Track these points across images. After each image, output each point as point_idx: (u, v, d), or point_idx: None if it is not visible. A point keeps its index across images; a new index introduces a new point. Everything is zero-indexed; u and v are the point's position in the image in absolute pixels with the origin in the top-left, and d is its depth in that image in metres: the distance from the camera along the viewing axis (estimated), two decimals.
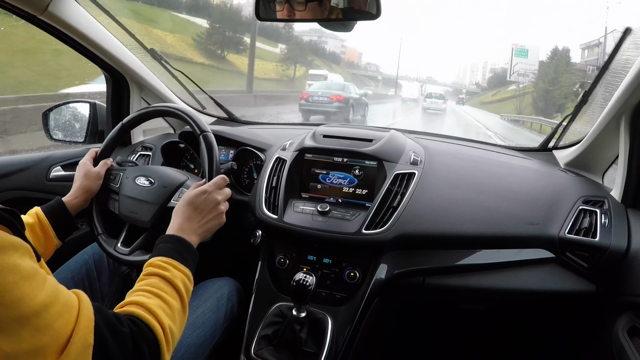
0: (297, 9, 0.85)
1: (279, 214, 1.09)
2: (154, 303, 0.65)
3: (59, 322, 0.49)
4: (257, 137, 1.37)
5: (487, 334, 1.39)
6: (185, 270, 0.75)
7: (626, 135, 1.03)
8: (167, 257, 0.75)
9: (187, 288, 0.74)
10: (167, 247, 0.79)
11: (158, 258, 0.75)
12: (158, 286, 0.69)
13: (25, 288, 0.47)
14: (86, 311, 0.54)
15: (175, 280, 0.72)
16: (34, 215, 0.92)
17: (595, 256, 0.96)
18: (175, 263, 0.75)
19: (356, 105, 11.87)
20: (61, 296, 0.52)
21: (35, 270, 0.50)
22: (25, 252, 0.50)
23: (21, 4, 1.05)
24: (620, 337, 0.88)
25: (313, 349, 0.94)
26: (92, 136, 1.44)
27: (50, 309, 0.49)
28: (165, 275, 0.71)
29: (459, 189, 1.11)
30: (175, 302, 0.69)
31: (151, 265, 0.74)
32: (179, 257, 0.77)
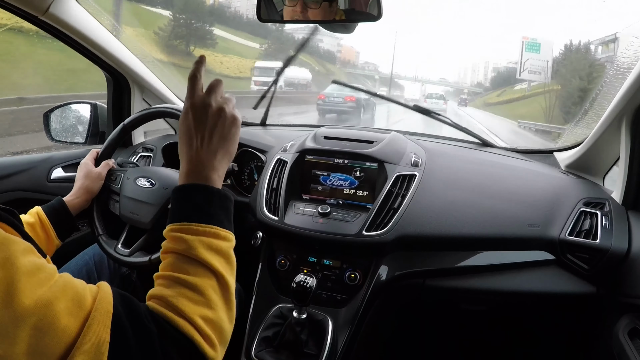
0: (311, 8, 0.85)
1: (280, 215, 1.09)
2: (174, 293, 0.53)
3: (64, 321, 0.43)
4: (257, 139, 1.37)
5: (488, 335, 1.39)
6: (208, 228, 0.57)
7: (627, 138, 1.03)
8: (177, 223, 0.58)
9: (219, 250, 0.57)
10: (176, 205, 0.60)
11: (168, 227, 0.59)
12: (176, 267, 0.55)
13: (22, 284, 0.41)
14: (103, 303, 0.47)
15: (195, 252, 0.55)
16: (34, 215, 0.92)
17: (595, 258, 0.96)
18: (190, 226, 0.57)
19: (366, 106, 12.98)
20: (70, 291, 0.46)
21: (37, 267, 0.44)
22: (28, 249, 0.45)
23: (22, 5, 1.05)
24: (621, 339, 0.88)
25: (313, 350, 0.94)
26: (93, 137, 1.44)
27: (53, 305, 0.43)
28: (179, 250, 0.56)
29: (460, 190, 1.11)
30: (203, 280, 0.54)
31: (166, 238, 0.59)
32: (195, 214, 0.58)
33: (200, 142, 0.63)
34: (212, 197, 0.60)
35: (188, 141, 0.63)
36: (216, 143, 0.64)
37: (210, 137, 0.63)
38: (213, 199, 0.61)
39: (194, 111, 0.64)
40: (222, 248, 0.58)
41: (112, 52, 1.32)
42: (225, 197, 0.62)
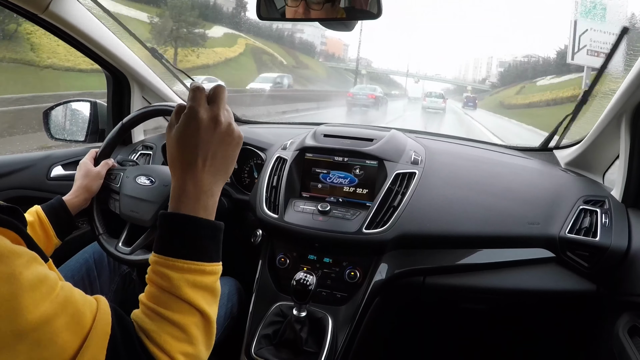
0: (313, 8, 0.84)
1: (280, 213, 1.09)
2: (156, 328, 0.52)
3: (63, 336, 0.44)
4: (257, 137, 1.37)
5: (487, 334, 1.39)
6: (193, 266, 0.55)
7: (627, 135, 1.03)
8: (163, 255, 0.55)
9: (204, 286, 0.56)
10: (163, 235, 0.57)
11: (154, 257, 0.56)
12: (159, 301, 0.54)
13: (25, 299, 0.42)
14: (101, 324, 0.48)
15: (179, 291, 0.54)
16: (34, 214, 0.92)
17: (595, 256, 0.96)
18: (175, 262, 0.55)
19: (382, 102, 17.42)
20: (70, 307, 0.46)
21: (40, 280, 0.45)
22: (31, 259, 0.45)
23: (22, 3, 1.05)
24: (621, 337, 0.88)
25: (313, 348, 0.94)
26: (92, 135, 1.44)
27: (54, 321, 0.44)
28: (164, 287, 0.54)
29: (460, 188, 1.11)
30: (186, 317, 0.54)
31: (150, 268, 0.57)
32: (182, 249, 0.55)
33: (203, 164, 0.57)
34: (203, 230, 0.57)
35: (189, 160, 0.57)
36: (219, 165, 0.59)
37: (213, 158, 0.58)
38: (204, 231, 0.57)
39: (201, 127, 0.57)
40: (207, 284, 0.56)
41: (111, 50, 1.32)
42: (216, 228, 0.59)
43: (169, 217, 0.57)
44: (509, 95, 31.40)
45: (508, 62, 51.10)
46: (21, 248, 0.45)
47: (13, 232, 0.48)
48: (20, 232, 0.49)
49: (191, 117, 0.57)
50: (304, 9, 0.85)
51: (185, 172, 0.58)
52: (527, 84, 30.01)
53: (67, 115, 1.44)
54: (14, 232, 0.48)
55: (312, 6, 0.84)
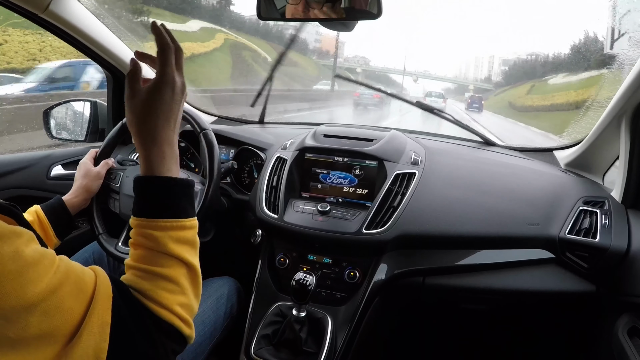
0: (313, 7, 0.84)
1: (280, 213, 1.09)
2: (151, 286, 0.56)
3: (69, 303, 0.47)
4: (257, 137, 1.37)
5: (487, 334, 1.39)
6: (172, 223, 0.59)
7: (627, 136, 1.03)
8: (142, 218, 0.59)
9: (185, 240, 0.60)
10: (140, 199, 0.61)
11: (135, 220, 0.60)
12: (149, 260, 0.58)
13: (30, 274, 0.45)
14: (103, 288, 0.51)
15: (164, 247, 0.58)
16: (33, 214, 0.92)
17: (595, 256, 0.96)
18: (155, 222, 0.58)
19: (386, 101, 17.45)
20: (72, 275, 0.49)
21: (41, 254, 0.47)
22: (30, 238, 0.48)
23: (22, 3, 1.05)
24: (620, 338, 0.88)
25: (313, 348, 0.94)
26: (92, 135, 1.44)
27: (59, 290, 0.47)
28: (149, 246, 0.58)
29: (459, 189, 1.11)
30: (175, 270, 0.58)
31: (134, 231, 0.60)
32: (161, 209, 0.59)
33: (174, 126, 0.62)
34: (179, 189, 0.61)
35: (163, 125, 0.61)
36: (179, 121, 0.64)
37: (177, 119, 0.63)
38: (180, 190, 0.61)
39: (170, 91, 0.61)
40: (188, 238, 0.60)
41: (111, 50, 1.32)
42: (188, 186, 0.63)
43: (146, 181, 0.60)
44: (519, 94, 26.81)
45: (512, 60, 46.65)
46: (20, 228, 0.48)
47: (11, 219, 0.50)
48: (18, 219, 0.51)
49: (168, 84, 0.61)
50: (303, 9, 0.85)
51: (160, 137, 0.61)
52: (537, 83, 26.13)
53: (67, 114, 1.44)
54: (13, 219, 0.50)
55: (312, 5, 0.84)
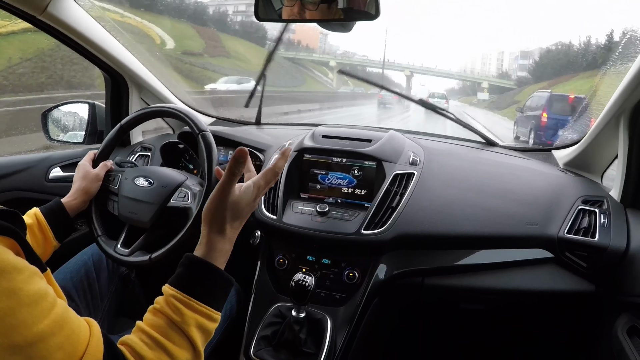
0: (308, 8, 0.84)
1: (278, 214, 1.09)
2: (154, 357, 0.55)
3: (57, 356, 0.45)
4: (256, 138, 1.37)
5: (487, 334, 1.39)
6: (205, 310, 0.60)
7: (625, 135, 1.03)
8: (182, 293, 0.60)
9: (207, 330, 0.61)
10: (187, 275, 0.62)
11: (171, 291, 0.61)
12: (164, 332, 0.57)
13: (23, 315, 0.43)
14: (94, 349, 0.49)
15: (187, 328, 0.58)
16: (32, 216, 0.91)
17: (594, 256, 0.96)
18: (192, 302, 0.60)
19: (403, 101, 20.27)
20: (66, 327, 0.48)
21: (40, 295, 0.46)
22: (32, 274, 0.47)
23: (20, 5, 1.05)
24: (620, 337, 0.88)
25: (312, 349, 0.93)
26: (91, 137, 1.44)
27: (49, 339, 0.45)
28: (174, 320, 0.58)
29: (458, 189, 1.11)
30: (183, 352, 0.58)
31: (163, 299, 0.61)
32: (200, 291, 0.61)
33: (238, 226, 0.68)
34: (219, 281, 0.64)
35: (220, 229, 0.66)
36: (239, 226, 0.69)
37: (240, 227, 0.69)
38: (220, 282, 0.64)
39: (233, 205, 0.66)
40: (209, 329, 0.61)
41: (110, 52, 1.32)
42: (229, 282, 0.66)
43: (198, 262, 0.64)
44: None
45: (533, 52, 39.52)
46: (23, 262, 0.46)
47: (12, 240, 0.48)
48: (19, 240, 0.49)
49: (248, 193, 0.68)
50: (299, 10, 0.85)
51: (222, 230, 0.66)
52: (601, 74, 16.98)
53: (65, 116, 1.44)
54: (14, 239, 0.48)
55: (307, 6, 0.84)
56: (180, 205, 0.99)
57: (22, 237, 0.50)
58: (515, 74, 42.53)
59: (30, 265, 0.47)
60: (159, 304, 0.61)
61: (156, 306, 0.61)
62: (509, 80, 39.21)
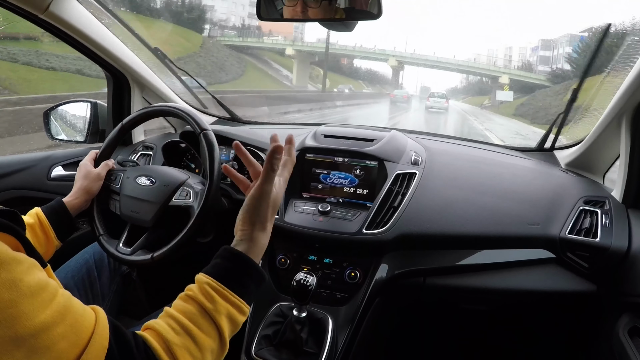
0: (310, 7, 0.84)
1: (280, 214, 1.09)
2: (179, 342, 0.55)
3: (60, 345, 0.45)
4: (257, 137, 1.37)
5: (488, 334, 1.39)
6: (238, 301, 0.61)
7: (627, 136, 1.02)
8: (217, 281, 0.61)
9: (235, 322, 0.61)
10: (224, 266, 0.64)
11: (206, 279, 0.61)
12: (194, 318, 0.58)
13: (25, 306, 0.43)
14: (99, 337, 0.49)
15: (218, 316, 0.59)
16: (34, 216, 0.92)
17: (595, 256, 0.96)
18: (226, 292, 0.61)
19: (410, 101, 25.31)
20: (69, 316, 0.47)
21: (41, 287, 0.46)
22: (31, 266, 0.47)
23: (22, 4, 1.05)
24: (621, 337, 0.88)
25: (314, 348, 0.94)
26: (93, 136, 1.44)
27: (52, 330, 0.45)
28: (206, 307, 0.59)
29: (460, 189, 1.11)
30: (210, 341, 0.58)
31: (197, 286, 0.61)
32: (236, 283, 0.62)
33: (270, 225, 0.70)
34: (255, 275, 0.66)
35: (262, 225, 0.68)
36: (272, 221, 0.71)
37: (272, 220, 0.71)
38: (255, 276, 0.66)
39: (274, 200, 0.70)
40: (238, 321, 0.62)
41: (112, 51, 1.32)
42: (263, 277, 0.67)
43: (238, 254, 0.65)
44: None
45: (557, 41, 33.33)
46: (22, 255, 0.46)
47: (12, 237, 0.48)
48: (19, 237, 0.49)
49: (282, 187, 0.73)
50: (301, 9, 0.85)
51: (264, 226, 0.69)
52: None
53: (67, 115, 1.44)
54: (13, 236, 0.48)
55: (310, 4, 0.84)
56: (182, 204, 0.99)
57: (21, 233, 0.50)
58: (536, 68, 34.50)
59: (29, 258, 0.47)
60: (191, 290, 0.61)
61: (189, 293, 0.61)
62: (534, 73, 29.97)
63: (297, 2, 0.86)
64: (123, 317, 1.17)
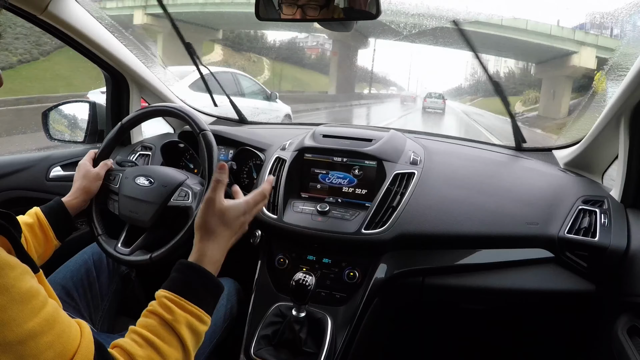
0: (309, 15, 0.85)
1: (279, 213, 1.09)
2: (143, 354, 0.57)
3: (47, 354, 0.45)
4: (256, 137, 1.37)
5: (487, 334, 1.39)
6: (196, 310, 0.63)
7: (626, 135, 1.03)
8: (174, 294, 0.63)
9: (196, 332, 0.63)
10: (179, 278, 0.66)
11: (164, 292, 0.64)
12: (155, 330, 0.59)
13: (14, 312, 0.43)
14: (85, 351, 0.50)
15: (178, 326, 0.60)
16: (33, 216, 0.92)
17: (594, 256, 0.96)
18: (183, 302, 0.62)
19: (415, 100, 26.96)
20: (57, 326, 0.48)
21: (32, 294, 0.46)
22: (23, 272, 0.47)
23: (21, 4, 1.05)
24: (620, 337, 0.88)
25: (313, 348, 0.94)
26: (91, 136, 1.44)
27: (39, 338, 0.45)
28: (166, 318, 0.60)
29: (459, 188, 1.11)
30: (173, 351, 0.59)
31: (156, 301, 0.63)
32: (191, 293, 0.64)
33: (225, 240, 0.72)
34: (210, 285, 0.68)
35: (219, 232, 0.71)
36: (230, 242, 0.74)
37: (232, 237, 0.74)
38: (210, 286, 0.68)
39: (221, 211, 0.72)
40: (199, 331, 0.64)
41: (110, 51, 1.32)
42: (219, 287, 0.69)
43: (191, 266, 0.68)
44: None
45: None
46: (15, 260, 0.46)
47: (4, 239, 0.49)
48: (12, 240, 0.49)
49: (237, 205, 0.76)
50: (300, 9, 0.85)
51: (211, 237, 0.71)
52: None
53: (66, 116, 1.44)
54: (6, 238, 0.49)
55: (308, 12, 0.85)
56: (180, 205, 0.99)
57: (15, 237, 0.50)
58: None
59: (22, 264, 0.47)
60: (152, 306, 0.63)
61: (149, 308, 0.63)
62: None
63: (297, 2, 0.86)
64: (122, 317, 1.17)
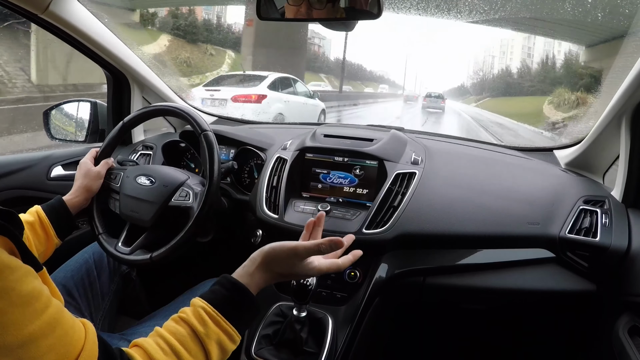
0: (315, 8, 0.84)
1: (280, 213, 1.09)
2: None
3: (48, 357, 0.45)
4: (257, 137, 1.37)
5: (488, 334, 1.39)
6: (230, 329, 0.61)
7: (627, 136, 1.03)
8: (212, 307, 0.61)
9: (225, 349, 0.61)
10: (221, 293, 0.63)
11: (202, 303, 0.61)
12: (183, 341, 0.57)
13: (15, 315, 0.43)
14: (89, 352, 0.49)
15: (208, 341, 0.58)
16: (34, 214, 0.92)
17: (595, 256, 0.96)
18: (220, 318, 0.60)
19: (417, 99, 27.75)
20: (59, 328, 0.47)
21: (33, 296, 0.46)
22: (26, 273, 0.46)
23: (22, 3, 1.05)
24: (621, 337, 0.88)
25: (314, 348, 0.93)
26: (93, 135, 1.44)
27: (40, 341, 0.45)
28: (197, 330, 0.58)
29: (460, 188, 1.11)
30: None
31: (191, 309, 0.61)
32: (230, 310, 0.62)
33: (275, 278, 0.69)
34: (252, 308, 0.65)
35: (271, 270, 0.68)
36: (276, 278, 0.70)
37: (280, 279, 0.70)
38: (251, 309, 0.65)
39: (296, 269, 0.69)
40: (228, 349, 0.62)
41: (111, 50, 1.32)
42: (257, 310, 0.67)
43: (237, 285, 0.65)
44: None
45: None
46: (17, 262, 0.46)
47: (7, 239, 0.48)
48: (15, 240, 0.49)
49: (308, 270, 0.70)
50: (306, 9, 0.85)
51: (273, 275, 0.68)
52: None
53: (67, 115, 1.44)
54: (9, 238, 0.48)
55: (315, 6, 0.84)
56: (181, 205, 0.99)
57: (17, 236, 0.50)
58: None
59: (24, 265, 0.47)
60: (185, 313, 0.61)
61: (182, 315, 0.61)
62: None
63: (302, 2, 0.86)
64: (122, 317, 1.17)
